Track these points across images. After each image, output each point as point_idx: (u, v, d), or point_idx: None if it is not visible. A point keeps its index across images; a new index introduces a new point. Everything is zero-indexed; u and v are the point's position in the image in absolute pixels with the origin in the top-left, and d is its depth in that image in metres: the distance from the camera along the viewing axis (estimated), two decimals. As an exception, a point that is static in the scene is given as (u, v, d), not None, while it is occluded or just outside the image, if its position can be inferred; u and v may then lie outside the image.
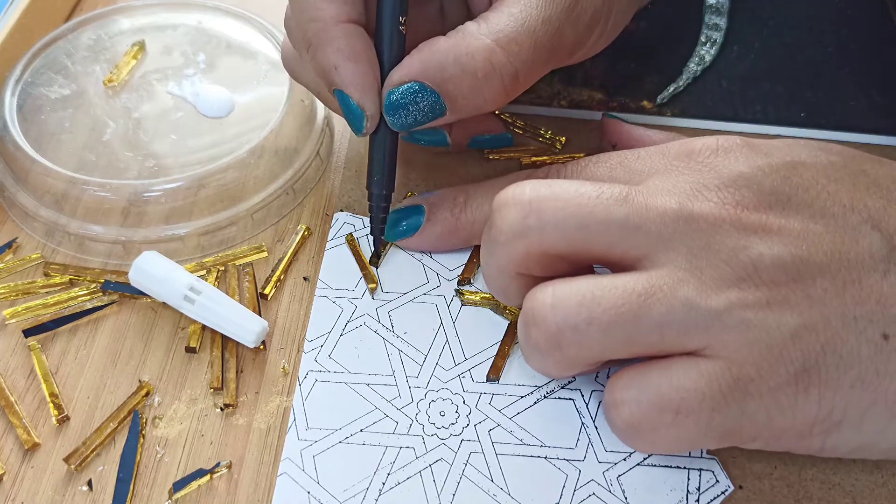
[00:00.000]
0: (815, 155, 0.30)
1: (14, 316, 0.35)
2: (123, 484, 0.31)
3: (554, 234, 0.29)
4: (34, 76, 0.42)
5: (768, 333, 0.27)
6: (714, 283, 0.27)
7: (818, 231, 0.28)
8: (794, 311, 0.27)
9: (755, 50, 0.47)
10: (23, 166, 0.38)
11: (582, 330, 0.28)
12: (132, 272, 0.35)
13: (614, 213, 0.28)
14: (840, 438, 0.28)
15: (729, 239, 0.28)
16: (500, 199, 0.30)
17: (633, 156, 0.33)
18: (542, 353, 0.29)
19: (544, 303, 0.28)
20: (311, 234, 0.39)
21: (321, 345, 0.34)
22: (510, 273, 0.31)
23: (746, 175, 0.29)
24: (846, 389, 0.27)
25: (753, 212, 0.28)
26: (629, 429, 0.28)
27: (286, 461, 0.31)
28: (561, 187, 0.29)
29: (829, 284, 0.27)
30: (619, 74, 0.44)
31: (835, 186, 0.29)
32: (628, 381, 0.28)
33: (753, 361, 0.27)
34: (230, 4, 0.46)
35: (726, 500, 0.31)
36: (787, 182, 0.29)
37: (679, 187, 0.29)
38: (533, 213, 0.29)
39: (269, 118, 0.40)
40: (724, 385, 0.27)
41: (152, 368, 0.34)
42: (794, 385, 0.27)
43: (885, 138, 0.43)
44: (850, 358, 0.27)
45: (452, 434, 0.32)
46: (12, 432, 0.32)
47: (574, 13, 0.34)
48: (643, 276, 0.28)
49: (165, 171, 0.39)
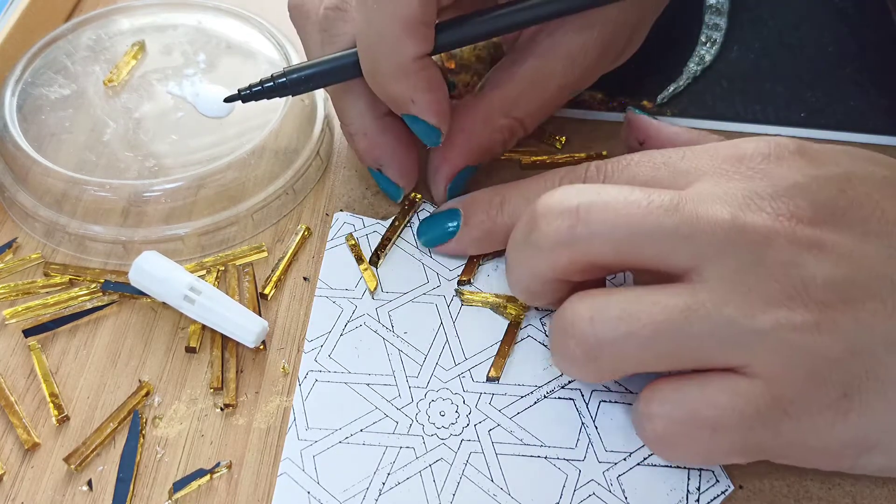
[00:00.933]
0: (867, 167, 0.29)
1: (14, 316, 0.35)
2: (123, 484, 0.31)
3: (602, 244, 0.28)
4: (34, 76, 0.42)
5: (813, 357, 0.26)
6: (761, 301, 0.26)
7: (870, 252, 0.27)
8: (840, 334, 0.26)
9: (755, 50, 0.47)
10: (23, 166, 0.38)
11: (620, 344, 0.27)
12: (132, 272, 0.35)
13: (665, 222, 0.27)
14: (870, 460, 0.27)
15: (781, 254, 0.27)
16: (546, 203, 0.29)
17: (678, 155, 0.31)
18: (576, 364, 0.28)
19: (583, 315, 0.28)
20: (311, 234, 0.39)
21: (321, 345, 0.34)
22: (545, 278, 0.30)
23: (802, 185, 0.28)
24: (884, 416, 0.26)
25: (808, 226, 0.27)
26: (661, 442, 0.28)
27: (286, 461, 0.31)
28: (610, 194, 0.28)
29: (878, 308, 0.26)
30: (619, 74, 0.44)
31: (887, 203, 0.28)
32: (664, 395, 0.28)
33: (795, 384, 0.26)
34: (230, 4, 0.46)
35: (726, 500, 0.31)
36: (843, 196, 0.28)
37: (731, 194, 0.28)
38: (581, 223, 0.28)
39: (269, 118, 0.40)
40: (762, 405, 0.26)
41: (152, 368, 0.34)
42: (833, 409, 0.26)
43: (885, 138, 0.43)
44: (891, 384, 0.26)
45: (452, 434, 0.32)
46: (12, 432, 0.32)
47: (600, 65, 0.38)
48: (686, 289, 0.27)
49: (165, 171, 0.39)
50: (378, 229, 0.38)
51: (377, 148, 0.37)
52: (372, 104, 0.36)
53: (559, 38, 0.37)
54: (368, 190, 0.40)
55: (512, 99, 0.37)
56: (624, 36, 0.38)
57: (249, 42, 0.44)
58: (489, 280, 0.37)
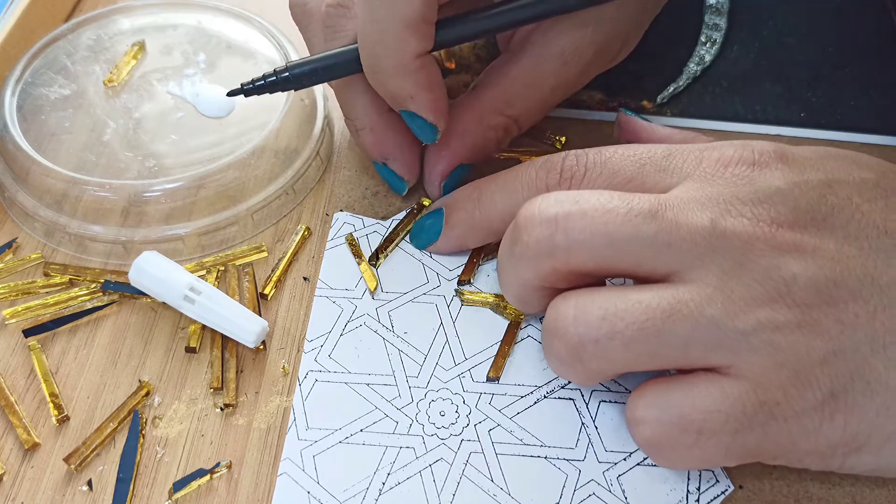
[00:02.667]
0: (849, 170, 0.29)
1: (14, 316, 0.35)
2: (123, 484, 0.31)
3: (582, 252, 0.28)
4: (34, 76, 0.42)
5: (797, 358, 0.26)
6: (744, 303, 0.27)
7: (852, 254, 0.27)
8: (824, 335, 0.26)
9: (755, 50, 0.47)
10: (23, 166, 0.38)
11: (604, 343, 0.27)
12: (132, 272, 0.35)
13: (643, 230, 0.28)
14: (859, 461, 0.27)
15: (762, 258, 0.27)
16: (525, 213, 0.30)
17: (662, 154, 0.31)
18: (564, 364, 0.29)
19: (567, 315, 0.28)
20: (311, 234, 0.39)
21: (321, 345, 0.34)
22: (532, 286, 0.31)
23: (783, 191, 0.28)
24: (872, 416, 0.26)
25: (788, 230, 0.27)
26: (650, 447, 0.28)
27: (286, 461, 0.31)
28: (588, 202, 0.29)
29: (860, 309, 0.26)
30: (619, 74, 0.44)
31: (868, 206, 0.28)
32: (650, 399, 0.28)
33: (780, 385, 0.26)
34: (230, 4, 0.46)
35: (726, 500, 0.31)
36: (823, 201, 0.28)
37: (712, 200, 0.28)
38: (560, 232, 0.29)
39: (269, 118, 0.40)
40: (748, 407, 0.26)
41: (152, 368, 0.34)
42: (820, 411, 0.26)
43: (885, 138, 0.43)
44: (878, 385, 0.26)
45: (452, 434, 0.32)
46: (12, 432, 0.32)
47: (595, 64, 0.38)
48: (669, 290, 0.27)
49: (165, 171, 0.39)
50: (378, 229, 0.38)
51: (383, 142, 0.37)
52: (377, 99, 0.37)
53: (553, 36, 0.37)
54: (368, 190, 0.40)
55: (506, 98, 0.37)
56: (620, 36, 0.38)
57: (249, 42, 0.44)
58: (489, 280, 0.37)
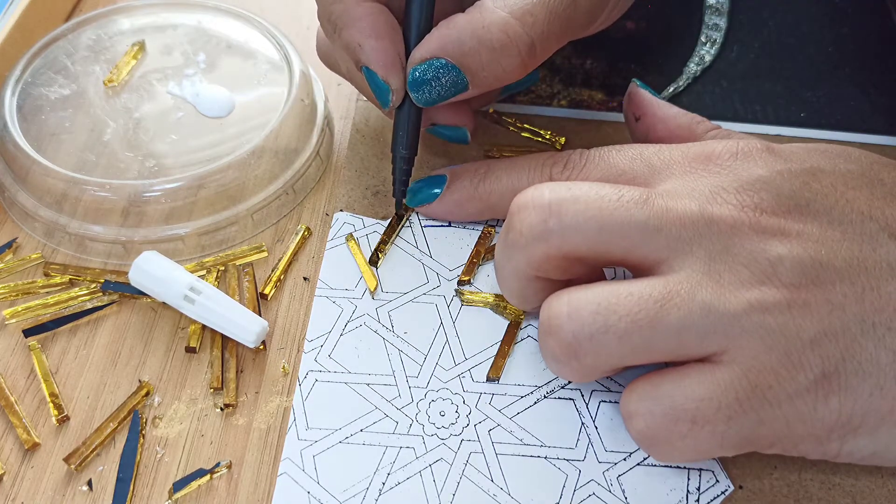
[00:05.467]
0: (834, 162, 0.30)
1: (14, 316, 0.35)
2: (123, 484, 0.31)
3: (574, 236, 0.29)
4: (34, 76, 0.42)
5: (787, 339, 0.26)
6: (732, 286, 0.27)
7: (836, 237, 0.28)
8: (813, 316, 0.26)
9: (755, 50, 0.47)
10: (23, 166, 0.38)
11: (598, 339, 0.27)
12: (132, 272, 0.35)
13: (634, 215, 0.28)
14: (856, 445, 0.28)
15: (748, 242, 0.28)
16: (519, 201, 0.30)
17: (653, 150, 0.33)
18: (559, 362, 0.29)
19: (560, 312, 0.28)
20: (311, 234, 0.39)
21: (321, 345, 0.34)
22: (527, 276, 0.31)
23: (765, 179, 0.29)
24: (865, 397, 0.26)
25: (772, 216, 0.28)
26: (645, 439, 0.28)
27: (286, 461, 0.31)
28: (581, 189, 0.29)
29: (848, 290, 0.27)
30: (619, 74, 0.44)
31: (853, 194, 0.29)
32: (642, 392, 0.28)
33: (772, 368, 0.26)
34: (230, 4, 0.46)
35: (726, 500, 0.31)
36: (807, 188, 0.29)
37: (698, 190, 0.29)
38: (553, 216, 0.29)
39: (269, 118, 0.40)
40: (740, 393, 0.26)
41: (152, 368, 0.34)
42: (813, 392, 0.26)
43: (885, 138, 0.43)
44: (869, 365, 0.26)
45: (452, 434, 0.32)
46: (12, 432, 0.32)
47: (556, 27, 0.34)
48: (660, 281, 0.28)
49: (165, 171, 0.39)
50: (378, 229, 0.38)
51: (355, 25, 0.34)
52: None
53: None
54: (368, 190, 0.40)
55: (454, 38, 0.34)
56: None
57: (249, 42, 0.44)
58: (489, 280, 0.37)
